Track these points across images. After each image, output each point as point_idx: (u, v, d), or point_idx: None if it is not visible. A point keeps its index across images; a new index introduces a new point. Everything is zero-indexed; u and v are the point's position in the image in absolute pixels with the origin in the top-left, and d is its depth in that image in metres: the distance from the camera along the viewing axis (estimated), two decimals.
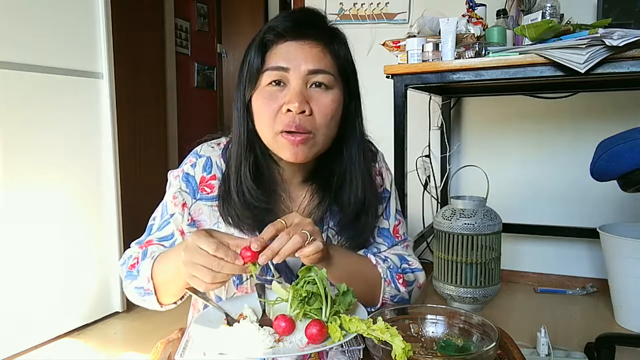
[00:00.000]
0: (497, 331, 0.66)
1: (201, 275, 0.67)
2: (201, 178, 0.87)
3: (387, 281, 0.86)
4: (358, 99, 0.87)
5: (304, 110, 0.76)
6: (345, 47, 0.83)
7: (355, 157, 0.86)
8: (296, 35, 0.78)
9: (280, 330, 0.66)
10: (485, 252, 2.09)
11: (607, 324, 2.09)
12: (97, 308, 2.21)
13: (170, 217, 0.88)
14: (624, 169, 1.42)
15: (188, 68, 3.94)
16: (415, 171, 2.64)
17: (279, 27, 0.78)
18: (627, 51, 1.47)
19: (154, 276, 0.81)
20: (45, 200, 1.98)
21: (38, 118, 1.95)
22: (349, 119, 0.85)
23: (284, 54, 0.77)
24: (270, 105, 0.77)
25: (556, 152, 2.52)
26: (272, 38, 0.78)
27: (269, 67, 0.78)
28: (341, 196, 0.87)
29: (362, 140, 0.87)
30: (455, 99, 2.67)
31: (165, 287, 0.82)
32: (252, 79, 0.79)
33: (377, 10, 2.77)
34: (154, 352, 0.77)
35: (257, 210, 0.82)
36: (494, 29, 1.85)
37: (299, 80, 0.77)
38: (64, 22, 2.04)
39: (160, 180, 1.00)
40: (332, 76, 0.79)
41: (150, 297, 0.83)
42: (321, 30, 0.80)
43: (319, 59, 0.78)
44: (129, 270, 0.86)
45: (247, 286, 0.88)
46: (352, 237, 0.90)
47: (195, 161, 0.88)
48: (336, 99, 0.80)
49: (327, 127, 0.80)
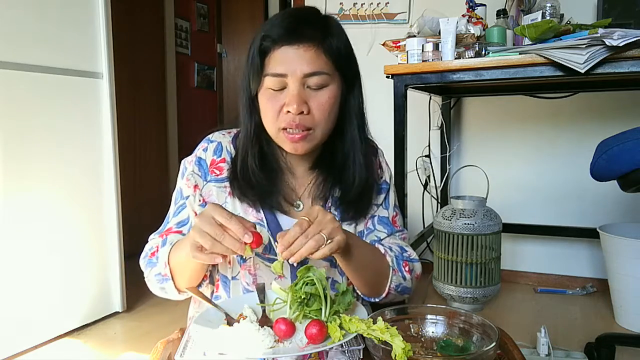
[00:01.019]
0: (497, 331, 0.66)
1: (203, 241, 0.70)
2: (212, 161, 0.93)
3: (395, 270, 0.90)
4: (358, 80, 0.91)
5: (302, 110, 0.82)
6: (340, 38, 0.86)
7: (357, 137, 0.91)
8: (290, 40, 0.81)
9: (280, 333, 0.66)
10: (485, 252, 2.09)
11: (607, 324, 2.09)
12: (97, 308, 2.21)
13: (186, 199, 0.93)
14: (624, 169, 1.42)
15: (188, 68, 3.94)
16: (415, 171, 2.64)
17: (273, 34, 0.82)
18: (627, 51, 1.47)
19: (171, 261, 0.85)
20: (44, 200, 1.98)
21: (38, 118, 1.95)
22: (349, 104, 0.90)
23: (280, 60, 0.82)
24: (273, 105, 0.83)
25: (556, 152, 2.52)
26: (268, 45, 0.83)
27: (268, 73, 0.83)
28: (344, 175, 0.92)
29: (363, 121, 0.93)
30: (455, 99, 2.67)
31: (181, 271, 0.86)
32: (256, 79, 0.85)
33: (377, 10, 2.77)
34: (154, 352, 0.77)
35: (263, 189, 0.89)
36: (494, 29, 1.85)
37: (296, 83, 0.82)
38: (64, 22, 2.04)
39: (160, 180, 1.02)
40: (328, 75, 0.83)
41: (168, 284, 0.87)
42: (313, 30, 0.83)
43: (314, 61, 0.82)
44: (149, 259, 0.91)
45: (250, 264, 0.90)
46: (355, 215, 0.94)
47: (207, 146, 0.94)
48: (333, 95, 0.85)
49: (326, 121, 0.85)
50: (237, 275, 0.91)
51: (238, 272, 0.91)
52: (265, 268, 0.90)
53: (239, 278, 0.91)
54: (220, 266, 0.92)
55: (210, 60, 4.24)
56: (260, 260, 0.90)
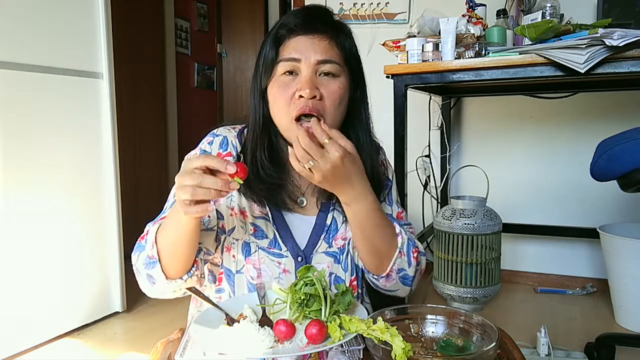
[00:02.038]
0: (497, 331, 0.66)
1: (184, 192, 0.68)
2: (217, 154, 0.93)
3: (402, 253, 0.89)
4: (363, 86, 0.94)
5: (315, 95, 0.83)
6: (350, 39, 0.91)
7: (363, 139, 0.92)
8: (306, 30, 0.85)
9: (281, 335, 0.66)
10: (485, 252, 2.09)
11: (607, 324, 2.09)
12: (97, 308, 2.21)
13: None
14: (624, 169, 1.42)
15: (188, 68, 3.94)
16: (415, 171, 2.64)
17: (291, 23, 0.86)
18: (627, 51, 1.47)
19: (158, 241, 0.81)
20: (45, 200, 1.98)
21: (38, 118, 1.95)
22: (355, 105, 0.92)
23: (295, 46, 0.85)
24: (285, 93, 0.84)
25: (556, 152, 2.52)
26: (284, 33, 0.87)
27: (282, 59, 0.85)
28: None
29: (368, 125, 0.94)
30: (455, 99, 2.67)
31: (169, 250, 0.80)
32: (268, 69, 0.87)
33: (377, 10, 2.77)
34: (154, 352, 0.77)
35: (270, 184, 0.89)
36: (494, 29, 1.85)
37: (309, 70, 0.84)
38: (64, 22, 2.04)
39: (160, 180, 1.01)
40: (339, 65, 0.86)
41: (155, 269, 0.81)
42: (328, 25, 0.87)
43: (327, 50, 0.85)
44: (138, 243, 0.86)
45: (256, 258, 0.90)
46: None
47: (212, 139, 0.95)
48: (343, 86, 0.87)
49: (335, 110, 0.86)
50: (241, 269, 0.91)
51: (243, 265, 0.91)
52: (270, 262, 0.90)
53: (244, 272, 0.90)
54: (224, 260, 0.92)
55: (210, 60, 4.24)
56: (265, 254, 0.90)
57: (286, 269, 0.90)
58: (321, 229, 0.93)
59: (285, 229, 0.92)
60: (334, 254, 0.93)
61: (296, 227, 0.93)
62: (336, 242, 0.94)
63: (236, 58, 4.50)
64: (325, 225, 0.94)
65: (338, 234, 0.94)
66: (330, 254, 0.93)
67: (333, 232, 0.94)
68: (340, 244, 0.94)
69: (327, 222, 0.94)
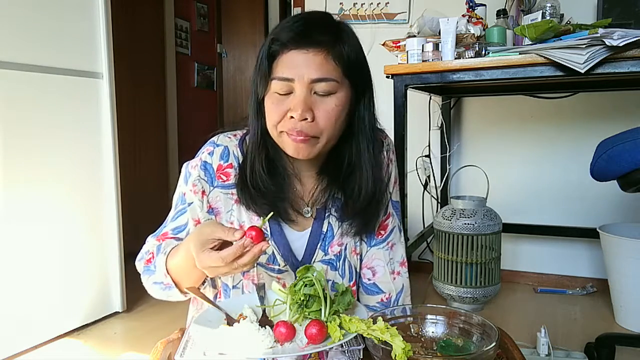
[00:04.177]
0: (497, 331, 0.66)
1: (216, 273, 0.75)
2: (218, 166, 0.90)
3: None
4: (370, 91, 0.89)
5: (306, 117, 0.79)
6: (351, 43, 0.84)
7: (365, 150, 0.89)
8: (299, 45, 0.80)
9: (281, 336, 0.66)
10: (485, 252, 2.09)
11: (607, 324, 2.09)
12: (97, 308, 2.21)
13: (188, 205, 0.90)
14: (624, 169, 1.42)
15: (188, 68, 3.94)
16: (415, 171, 2.63)
17: (283, 38, 0.80)
18: (627, 51, 1.47)
19: (170, 270, 0.84)
20: (45, 200, 1.98)
21: (38, 118, 1.95)
22: (358, 115, 0.88)
23: (288, 63, 0.80)
24: (277, 110, 0.81)
25: (556, 152, 2.52)
26: (277, 48, 0.81)
27: (275, 77, 0.81)
28: (348, 185, 0.90)
29: (373, 134, 0.90)
30: (455, 99, 2.67)
31: (181, 279, 0.85)
32: (263, 82, 0.83)
33: (377, 10, 2.77)
34: (154, 352, 0.77)
35: (271, 197, 0.87)
36: (494, 29, 1.85)
37: (303, 89, 0.79)
38: (63, 22, 2.03)
39: (160, 180, 1.01)
40: (336, 82, 0.81)
41: (172, 290, 0.85)
42: (324, 36, 0.80)
43: (322, 66, 0.79)
44: (145, 266, 0.88)
45: (253, 274, 0.89)
46: (360, 230, 0.93)
47: (212, 149, 0.91)
48: (340, 103, 0.82)
49: (332, 129, 0.82)
50: (238, 284, 0.91)
51: (240, 280, 0.91)
52: (268, 278, 0.89)
53: (240, 287, 0.91)
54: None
55: (210, 60, 4.23)
56: (263, 270, 0.89)
57: (286, 283, 0.88)
58: (317, 237, 0.92)
59: (284, 245, 0.90)
60: (330, 262, 0.92)
61: (295, 240, 0.92)
62: (332, 249, 0.93)
63: (236, 58, 4.50)
64: (322, 232, 0.92)
65: (334, 240, 0.93)
66: (326, 261, 0.92)
67: (329, 239, 0.93)
68: (337, 251, 0.93)
69: (323, 230, 0.92)
